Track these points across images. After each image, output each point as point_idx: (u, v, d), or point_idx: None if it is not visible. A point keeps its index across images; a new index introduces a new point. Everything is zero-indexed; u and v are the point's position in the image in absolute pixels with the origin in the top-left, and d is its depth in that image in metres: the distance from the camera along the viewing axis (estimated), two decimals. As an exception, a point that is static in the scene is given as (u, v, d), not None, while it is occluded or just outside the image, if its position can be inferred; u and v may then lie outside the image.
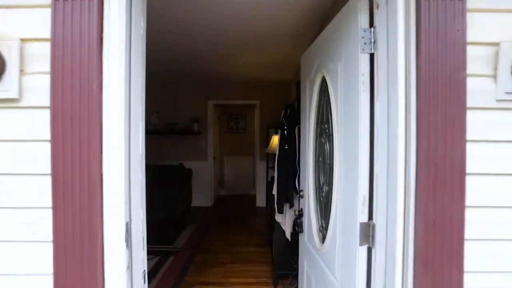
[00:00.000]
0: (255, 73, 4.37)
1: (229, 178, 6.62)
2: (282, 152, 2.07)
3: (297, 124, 2.06)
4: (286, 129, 2.07)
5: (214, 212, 5.15)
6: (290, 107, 2.10)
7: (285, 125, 2.08)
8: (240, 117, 6.59)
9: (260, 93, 5.50)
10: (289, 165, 2.04)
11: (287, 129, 2.05)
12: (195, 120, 5.38)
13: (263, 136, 5.50)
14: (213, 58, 3.49)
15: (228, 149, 6.59)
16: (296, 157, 2.05)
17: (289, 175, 2.04)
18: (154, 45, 2.91)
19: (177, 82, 5.15)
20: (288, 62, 3.68)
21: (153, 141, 5.47)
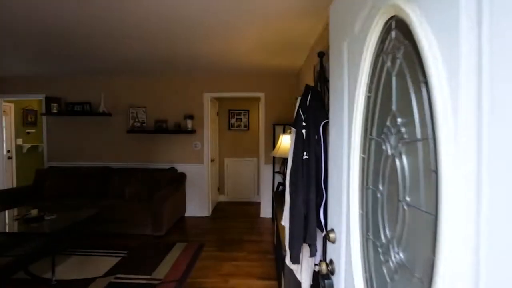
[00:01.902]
0: (256, 58, 3.54)
1: (229, 182, 5.83)
2: (297, 164, 1.26)
3: (324, 119, 1.24)
4: (304, 126, 1.25)
5: (210, 225, 4.37)
6: (313, 90, 1.27)
7: (303, 120, 1.27)
8: (242, 112, 5.78)
9: (264, 84, 4.68)
10: (309, 185, 1.23)
11: (306, 127, 1.24)
12: (188, 116, 4.59)
13: (268, 135, 4.69)
14: (201, 39, 2.69)
15: (229, 149, 5.79)
16: (321, 173, 1.23)
17: (310, 201, 1.23)
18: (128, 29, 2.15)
19: (166, 72, 4.36)
20: (297, 41, 2.85)
21: (140, 141, 4.71)
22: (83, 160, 4.84)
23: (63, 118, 4.84)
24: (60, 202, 3.86)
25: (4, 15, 2.22)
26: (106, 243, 3.53)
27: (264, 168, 4.71)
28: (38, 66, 4.04)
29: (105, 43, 2.94)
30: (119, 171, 4.42)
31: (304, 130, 1.26)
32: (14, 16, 2.24)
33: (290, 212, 1.32)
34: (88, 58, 3.56)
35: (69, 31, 2.58)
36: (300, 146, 1.26)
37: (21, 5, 2.05)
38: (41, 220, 3.01)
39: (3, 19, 2.29)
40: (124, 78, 4.72)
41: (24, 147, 6.21)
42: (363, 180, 0.92)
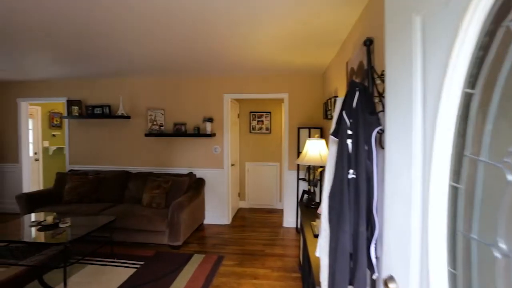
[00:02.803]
0: (279, 56, 3.25)
1: (251, 188, 5.56)
2: (340, 184, 0.96)
3: (376, 126, 0.92)
4: (351, 135, 0.95)
5: (230, 234, 4.11)
6: (361, 88, 0.96)
7: (349, 128, 0.96)
8: (264, 114, 5.50)
9: (288, 84, 4.37)
10: (358, 214, 0.92)
11: (353, 136, 0.93)
12: (208, 119, 4.39)
13: (292, 139, 4.37)
14: (222, 36, 2.44)
15: (250, 153, 5.53)
16: (373, 197, 0.92)
17: (359, 235, 0.92)
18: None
19: (185, 73, 4.19)
20: (325, 35, 2.52)
21: (158, 145, 4.57)
22: (102, 164, 4.79)
23: (83, 121, 4.81)
24: (77, 207, 3.78)
25: (28, 19, 2.11)
26: (122, 252, 3.39)
27: (288, 174, 4.40)
28: (60, 70, 4.01)
29: (123, 43, 2.78)
30: (137, 175, 4.29)
31: (350, 140, 0.95)
32: (36, 19, 2.12)
33: (330, 245, 1.02)
34: (107, 60, 3.44)
35: (89, 30, 2.43)
36: (344, 161, 0.95)
37: (43, 9, 1.91)
38: (56, 227, 2.90)
39: (28, 23, 2.19)
40: (142, 80, 4.61)
41: (50, 149, 6.33)
42: (454, 223, 0.60)
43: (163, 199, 3.81)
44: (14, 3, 1.95)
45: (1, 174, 5.15)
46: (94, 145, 4.81)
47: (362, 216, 0.91)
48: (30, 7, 2.00)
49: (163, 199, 3.81)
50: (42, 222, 2.95)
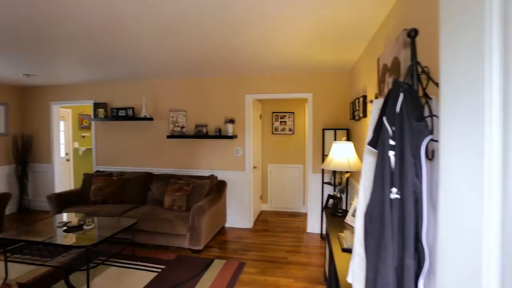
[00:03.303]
0: (302, 53, 3.08)
1: (273, 191, 5.42)
2: (379, 205, 0.79)
3: (426, 135, 0.75)
4: (393, 146, 0.78)
5: (252, 238, 4.00)
6: (406, 89, 0.78)
7: (391, 137, 0.79)
8: (287, 115, 5.33)
9: (312, 84, 4.18)
10: (404, 243, 0.75)
11: (397, 148, 0.76)
12: (229, 120, 4.30)
13: (317, 141, 4.17)
14: (243, 32, 2.33)
15: (272, 155, 5.39)
16: (421, 222, 0.75)
17: (405, 268, 0.75)
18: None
19: (206, 74, 4.14)
20: (353, 29, 2.32)
21: (180, 146, 4.56)
22: (126, 165, 4.87)
23: (108, 123, 4.93)
24: (102, 208, 3.84)
25: (60, 29, 2.13)
26: (144, 254, 3.39)
27: (312, 177, 4.20)
28: (87, 74, 4.12)
29: (147, 44, 2.76)
30: (159, 177, 4.31)
31: (393, 152, 0.78)
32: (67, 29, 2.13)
33: (367, 277, 0.85)
34: (130, 62, 3.46)
35: (114, 34, 2.42)
36: (385, 178, 0.78)
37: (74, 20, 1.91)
38: (80, 229, 2.94)
39: (61, 33, 2.22)
40: (164, 82, 4.63)
41: (80, 149, 6.59)
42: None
43: (184, 202, 3.77)
44: (53, 16, 1.98)
45: (36, 174, 5.42)
46: (119, 146, 4.90)
47: (408, 246, 0.74)
48: (64, 19, 2.02)
49: (184, 201, 3.78)
50: (68, 224, 3.01)
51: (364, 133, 2.79)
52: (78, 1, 1.84)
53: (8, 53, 3.05)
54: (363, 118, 2.86)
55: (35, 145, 5.39)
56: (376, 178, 0.82)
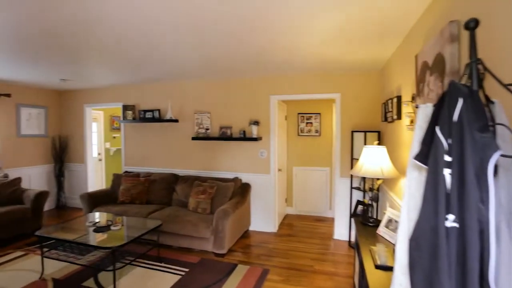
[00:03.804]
0: (330, 52, 2.92)
1: (298, 194, 5.27)
2: (431, 233, 0.65)
3: (493, 150, 0.60)
4: (449, 163, 0.64)
5: (276, 243, 3.89)
6: (466, 93, 0.64)
7: (446, 152, 0.65)
8: (313, 116, 5.15)
9: (341, 83, 3.98)
10: (466, 282, 0.62)
11: (455, 165, 0.62)
12: (254, 122, 4.22)
13: (345, 143, 3.97)
14: (268, 31, 2.23)
15: (298, 157, 5.24)
16: (488, 259, 0.60)
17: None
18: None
19: (231, 75, 4.09)
20: (387, 24, 2.13)
21: (204, 148, 4.56)
22: (153, 165, 4.97)
23: (136, 125, 5.06)
24: (130, 208, 3.93)
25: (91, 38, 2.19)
26: (168, 255, 3.41)
27: (340, 181, 4.00)
28: (117, 77, 4.25)
29: (173, 45, 2.76)
30: (184, 179, 4.34)
31: (449, 170, 0.64)
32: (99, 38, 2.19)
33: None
34: (157, 65, 3.51)
35: (141, 35, 2.45)
36: (439, 201, 0.65)
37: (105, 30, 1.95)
38: (108, 229, 3.02)
39: (90, 37, 2.28)
40: (190, 84, 4.65)
41: (111, 150, 6.87)
42: None
43: (208, 205, 3.75)
44: (87, 26, 2.03)
45: (71, 173, 5.72)
46: (146, 147, 5.02)
47: (471, 286, 0.60)
48: (96, 29, 2.07)
49: (208, 204, 3.76)
50: (96, 223, 3.10)
51: (399, 136, 2.58)
52: (108, 11, 1.85)
53: (48, 59, 3.22)
54: (397, 120, 2.64)
55: (70, 146, 5.68)
56: (426, 199, 0.69)
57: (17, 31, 2.30)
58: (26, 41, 2.57)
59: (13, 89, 4.91)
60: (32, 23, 2.14)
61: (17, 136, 5.03)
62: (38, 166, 5.36)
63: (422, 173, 0.77)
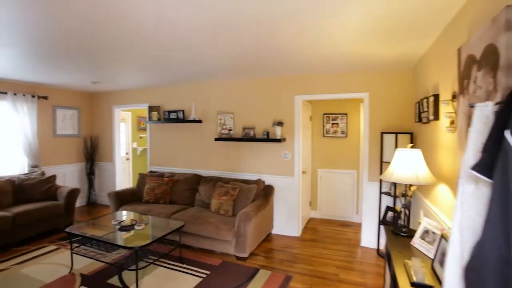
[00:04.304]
0: (359, 48, 2.75)
1: (323, 197, 5.08)
2: (494, 262, 0.53)
3: None
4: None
5: (300, 248, 3.76)
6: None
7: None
8: (339, 116, 4.95)
9: (369, 82, 3.76)
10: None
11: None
12: (277, 123, 4.12)
13: (374, 146, 3.75)
14: (291, 25, 2.13)
15: (323, 159, 5.06)
16: None
17: None
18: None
19: (254, 74, 4.02)
20: (423, 14, 1.94)
21: (227, 149, 4.53)
22: (177, 166, 5.03)
23: (161, 125, 5.15)
24: (154, 208, 3.99)
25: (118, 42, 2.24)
26: (190, 257, 3.40)
27: (368, 185, 3.79)
28: (143, 79, 4.35)
29: (197, 45, 2.75)
30: (206, 179, 4.34)
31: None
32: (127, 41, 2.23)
33: None
34: (182, 66, 3.53)
35: (167, 40, 2.46)
36: (508, 223, 0.52)
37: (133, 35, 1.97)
38: (132, 229, 3.06)
39: (118, 42, 2.33)
40: (213, 84, 4.65)
41: (138, 149, 7.08)
42: None
43: (230, 207, 3.71)
44: (115, 31, 2.07)
45: (101, 171, 5.95)
46: (170, 147, 5.09)
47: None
48: (123, 34, 2.09)
49: (230, 206, 3.71)
50: (121, 222, 3.16)
51: (436, 139, 2.36)
52: (135, 18, 1.85)
53: (80, 63, 3.36)
54: (434, 121, 2.42)
55: (100, 145, 5.92)
56: (491, 221, 0.55)
57: (51, 34, 2.39)
58: (59, 44, 2.66)
59: (50, 91, 5.20)
60: (65, 25, 2.20)
61: (53, 136, 5.31)
62: (71, 164, 5.64)
63: (480, 187, 0.64)
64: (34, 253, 3.51)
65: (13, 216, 3.70)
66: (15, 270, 3.09)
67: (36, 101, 4.89)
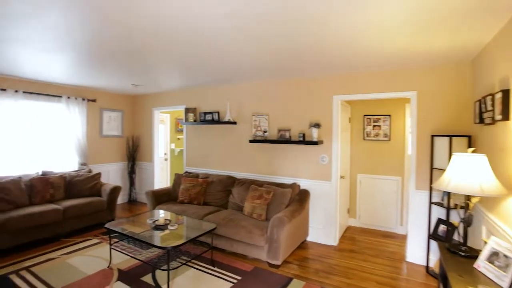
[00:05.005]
0: (405, 40, 2.46)
1: (363, 204, 4.74)
2: None
3: None
4: None
5: (337, 259, 3.51)
6: None
7: None
8: (381, 118, 4.58)
9: (417, 79, 3.40)
10: None
11: None
12: (314, 124, 3.92)
13: (423, 149, 3.37)
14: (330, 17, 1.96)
15: (363, 164, 4.72)
16: None
17: None
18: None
19: (289, 74, 3.87)
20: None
21: (262, 151, 4.43)
22: (211, 167, 5.05)
23: (197, 127, 5.22)
24: (188, 208, 4.02)
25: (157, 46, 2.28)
26: (221, 260, 3.34)
27: (415, 194, 3.41)
28: (180, 81, 4.44)
29: (233, 46, 2.70)
30: (240, 181, 4.27)
31: None
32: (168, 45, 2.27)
33: None
34: (217, 67, 3.52)
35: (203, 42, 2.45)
36: None
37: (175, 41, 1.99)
38: (165, 228, 3.08)
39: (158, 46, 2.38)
40: (247, 85, 4.59)
41: (176, 150, 7.30)
42: None
43: (264, 211, 3.59)
44: (154, 36, 2.10)
45: (141, 170, 6.23)
46: (205, 149, 5.14)
47: None
48: (161, 38, 2.12)
49: (264, 210, 3.59)
50: (156, 221, 3.21)
51: (504, 142, 2.01)
52: (173, 24, 1.84)
53: (123, 67, 3.52)
54: (501, 121, 2.06)
55: (141, 146, 6.20)
56: None
57: (100, 39, 2.50)
58: (107, 48, 2.79)
59: (97, 95, 5.57)
60: (112, 31, 2.28)
61: (100, 136, 5.67)
62: (115, 163, 5.97)
63: None
64: (79, 245, 3.72)
65: (64, 209, 3.98)
66: (63, 259, 3.30)
67: (86, 103, 5.26)
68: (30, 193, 4.09)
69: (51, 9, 1.90)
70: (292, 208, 3.55)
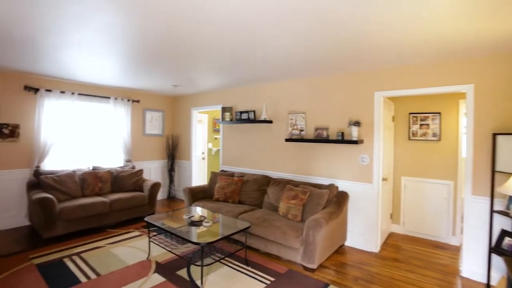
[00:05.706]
0: (460, 27, 2.19)
1: (407, 210, 4.36)
2: None
3: None
4: None
5: (378, 267, 3.26)
6: None
7: None
8: (429, 116, 4.18)
9: (473, 70, 3.03)
10: None
11: None
12: (354, 122, 3.70)
13: (481, 150, 2.99)
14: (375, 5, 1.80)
15: (408, 166, 4.35)
16: None
17: None
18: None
19: (327, 71, 3.70)
20: None
21: (298, 151, 4.31)
22: (246, 166, 5.04)
23: (233, 126, 5.25)
24: (223, 206, 4.04)
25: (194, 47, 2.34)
26: (255, 260, 3.29)
27: (472, 200, 3.04)
28: (217, 81, 4.51)
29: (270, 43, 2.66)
30: (275, 181, 4.19)
31: None
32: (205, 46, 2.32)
33: None
34: (254, 66, 3.50)
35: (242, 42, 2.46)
36: None
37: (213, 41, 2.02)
38: (200, 225, 3.12)
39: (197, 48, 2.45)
40: (284, 83, 4.50)
41: (213, 150, 7.46)
42: None
43: (299, 211, 3.47)
44: (195, 38, 2.19)
45: (180, 168, 6.46)
46: (240, 148, 5.15)
47: None
48: (201, 40, 2.18)
49: (299, 211, 3.47)
50: (191, 217, 3.26)
51: None
52: (214, 26, 1.85)
53: (164, 68, 3.68)
54: None
55: (180, 145, 6.44)
56: None
57: (145, 43, 2.62)
58: (151, 51, 2.92)
59: (141, 96, 5.90)
60: (156, 33, 2.37)
61: (143, 135, 6.00)
62: (156, 160, 6.27)
63: None
64: (122, 237, 3.94)
65: (110, 202, 4.26)
66: (108, 248, 3.52)
67: (131, 104, 5.60)
68: (82, 186, 4.45)
69: (103, 10, 2.01)
70: (330, 210, 3.37)
